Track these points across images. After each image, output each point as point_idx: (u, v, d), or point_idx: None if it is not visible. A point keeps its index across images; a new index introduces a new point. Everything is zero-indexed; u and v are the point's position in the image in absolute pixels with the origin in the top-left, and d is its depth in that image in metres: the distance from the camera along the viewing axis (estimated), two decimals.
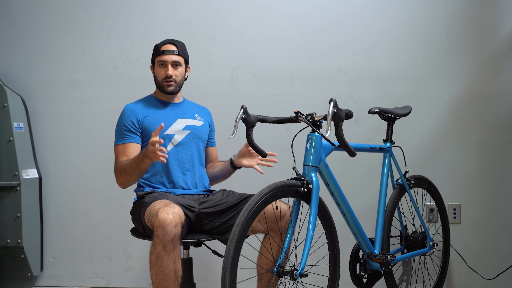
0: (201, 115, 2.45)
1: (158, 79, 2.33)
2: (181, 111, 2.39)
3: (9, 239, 2.93)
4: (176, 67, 2.32)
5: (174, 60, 2.30)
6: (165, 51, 2.30)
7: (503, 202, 2.88)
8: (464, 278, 2.89)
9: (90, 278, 3.08)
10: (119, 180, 2.23)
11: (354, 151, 1.89)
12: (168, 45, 2.32)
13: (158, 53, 2.32)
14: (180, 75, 2.34)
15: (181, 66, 2.33)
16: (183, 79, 2.37)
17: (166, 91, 2.33)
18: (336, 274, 2.06)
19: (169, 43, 2.33)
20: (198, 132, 2.38)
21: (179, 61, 2.32)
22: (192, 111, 2.43)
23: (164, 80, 2.31)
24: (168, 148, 2.29)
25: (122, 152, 2.25)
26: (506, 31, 2.89)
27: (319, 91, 2.95)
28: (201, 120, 2.42)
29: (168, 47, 2.31)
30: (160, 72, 2.32)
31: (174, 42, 2.34)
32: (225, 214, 2.16)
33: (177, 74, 2.32)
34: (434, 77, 2.92)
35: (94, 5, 3.10)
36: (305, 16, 2.99)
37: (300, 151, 1.99)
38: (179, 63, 2.32)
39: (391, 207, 2.40)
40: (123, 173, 2.18)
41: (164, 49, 2.30)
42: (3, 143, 2.95)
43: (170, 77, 2.29)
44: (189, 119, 2.38)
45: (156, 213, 1.92)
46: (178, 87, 2.35)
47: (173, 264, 1.90)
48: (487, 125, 2.89)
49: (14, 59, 3.14)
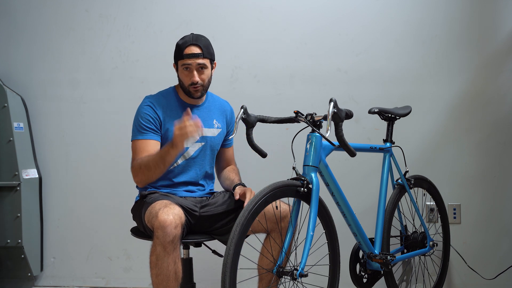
0: (220, 119, 2.32)
1: (184, 84, 2.18)
2: (200, 117, 2.18)
3: (9, 239, 2.93)
4: (202, 70, 2.16)
5: (199, 63, 2.14)
6: (189, 55, 2.13)
7: (503, 202, 2.88)
8: (464, 278, 2.89)
9: (90, 278, 3.08)
10: (138, 178, 2.11)
11: (354, 151, 1.90)
12: (192, 48, 2.13)
13: (182, 56, 2.15)
14: (206, 78, 2.18)
15: (207, 68, 2.17)
16: (209, 81, 2.22)
17: (193, 96, 2.19)
18: (336, 274, 2.06)
19: (192, 44, 2.14)
20: (212, 143, 2.27)
21: (204, 64, 2.15)
22: (211, 116, 2.29)
23: (191, 86, 2.16)
24: (179, 161, 2.20)
25: (142, 149, 2.12)
26: (506, 31, 2.89)
27: (319, 91, 2.95)
28: (218, 128, 2.30)
29: (192, 50, 2.13)
30: (185, 77, 2.16)
31: (197, 43, 2.15)
32: (226, 216, 2.16)
33: (203, 78, 2.17)
34: (434, 77, 2.92)
35: (94, 5, 3.10)
36: (305, 16, 2.99)
37: (300, 151, 1.99)
38: (204, 65, 2.15)
39: (391, 207, 2.40)
40: (143, 169, 2.07)
41: (188, 52, 2.13)
42: (3, 143, 2.95)
43: (196, 83, 2.15)
44: (207, 128, 2.25)
45: (156, 214, 1.91)
46: (205, 90, 2.22)
47: (173, 265, 1.89)
48: (487, 125, 2.89)
49: (14, 59, 3.14)
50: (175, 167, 2.20)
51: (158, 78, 2.98)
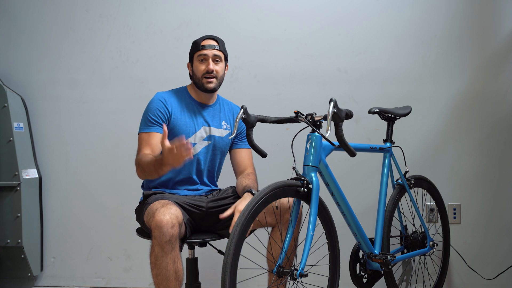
0: (229, 121, 2.35)
1: (198, 75, 2.22)
2: (210, 116, 2.27)
3: (9, 239, 2.93)
4: (217, 62, 2.24)
5: (216, 54, 2.22)
6: (205, 45, 2.22)
7: (503, 202, 2.88)
8: (464, 278, 2.89)
9: (90, 278, 3.08)
10: (138, 172, 2.14)
11: (354, 151, 1.89)
12: (209, 40, 2.25)
13: (198, 48, 2.23)
14: (221, 71, 2.25)
15: (221, 62, 2.26)
16: (223, 76, 2.28)
17: (206, 88, 2.22)
18: (336, 274, 2.06)
19: (209, 38, 2.27)
20: (219, 144, 2.29)
21: (220, 56, 2.24)
22: (220, 117, 2.33)
23: (204, 75, 2.21)
24: None
25: (147, 141, 2.15)
26: (506, 31, 2.89)
27: (319, 91, 2.95)
28: (227, 129, 2.32)
29: (209, 42, 2.24)
30: (200, 67, 2.22)
31: (214, 37, 2.28)
32: None
33: (218, 69, 2.23)
34: (434, 77, 2.92)
35: (94, 5, 3.10)
36: (305, 16, 2.99)
37: (300, 151, 1.99)
38: (220, 58, 2.25)
39: (391, 207, 2.39)
40: (140, 168, 2.10)
41: (205, 43, 2.23)
42: (3, 143, 2.95)
43: (211, 72, 2.20)
44: (214, 127, 2.28)
45: (153, 214, 1.92)
46: (218, 84, 2.26)
47: (173, 264, 1.89)
48: (487, 125, 2.89)
49: (14, 59, 3.14)
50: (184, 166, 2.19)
51: (158, 78, 2.98)
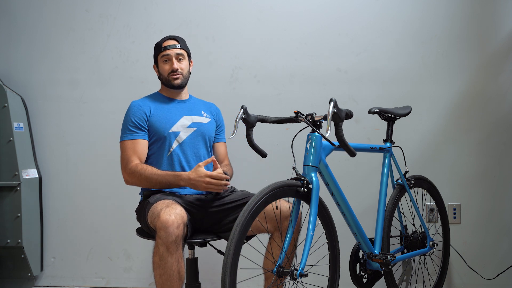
0: (208, 112, 2.44)
1: (164, 74, 2.34)
2: (187, 107, 2.38)
3: (9, 239, 2.93)
4: (180, 60, 2.34)
5: (178, 53, 2.32)
6: (167, 46, 2.32)
7: (503, 202, 2.88)
8: (464, 278, 2.89)
9: (90, 278, 3.08)
10: (132, 180, 2.18)
11: (354, 151, 1.89)
12: (169, 41, 2.35)
13: (160, 50, 2.34)
14: (185, 68, 2.35)
15: (185, 59, 2.36)
16: (188, 72, 2.38)
17: (174, 84, 2.33)
18: (336, 274, 2.06)
19: (169, 38, 2.36)
20: (204, 129, 2.36)
21: (182, 54, 2.34)
22: (198, 108, 2.42)
23: (170, 74, 2.31)
24: (174, 145, 2.27)
25: (132, 149, 2.21)
26: (506, 31, 2.89)
27: (319, 91, 2.95)
28: (207, 117, 2.41)
29: (170, 42, 2.34)
30: (165, 67, 2.33)
31: (174, 37, 2.37)
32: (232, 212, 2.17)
33: (182, 67, 2.34)
34: (434, 77, 2.92)
35: (94, 5, 3.11)
36: (305, 16, 2.99)
37: (300, 151, 1.99)
38: (183, 55, 2.34)
39: (391, 207, 2.39)
40: (142, 179, 2.15)
41: (166, 44, 2.33)
42: (3, 143, 2.95)
43: (176, 70, 2.30)
44: (195, 115, 2.37)
45: (158, 214, 1.92)
46: (185, 80, 2.36)
47: (177, 264, 1.90)
48: (487, 125, 2.89)
49: (14, 59, 3.14)
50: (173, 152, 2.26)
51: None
